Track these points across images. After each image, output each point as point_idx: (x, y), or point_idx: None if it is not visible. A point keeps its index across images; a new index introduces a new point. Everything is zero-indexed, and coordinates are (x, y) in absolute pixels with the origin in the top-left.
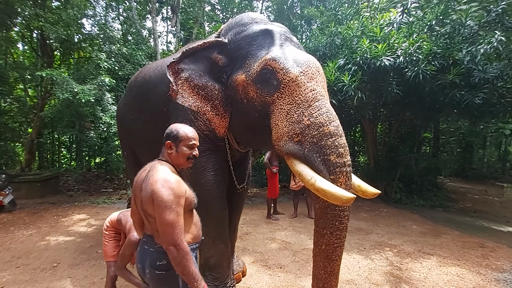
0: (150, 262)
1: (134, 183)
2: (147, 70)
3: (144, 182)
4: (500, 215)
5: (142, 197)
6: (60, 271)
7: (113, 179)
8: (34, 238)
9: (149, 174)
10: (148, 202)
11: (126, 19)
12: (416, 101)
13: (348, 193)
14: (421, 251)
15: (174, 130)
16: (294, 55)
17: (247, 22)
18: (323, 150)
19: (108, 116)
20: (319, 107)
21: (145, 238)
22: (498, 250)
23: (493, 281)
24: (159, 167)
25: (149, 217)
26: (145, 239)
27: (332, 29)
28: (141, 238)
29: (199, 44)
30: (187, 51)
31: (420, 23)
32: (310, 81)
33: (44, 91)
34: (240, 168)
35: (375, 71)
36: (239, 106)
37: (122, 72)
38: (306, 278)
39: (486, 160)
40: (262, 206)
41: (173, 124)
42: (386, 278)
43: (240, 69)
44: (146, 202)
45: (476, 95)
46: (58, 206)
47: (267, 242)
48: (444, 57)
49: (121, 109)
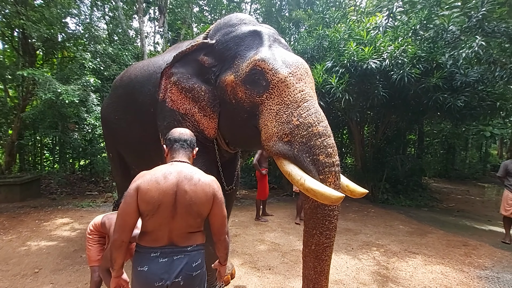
0: (184, 268)
1: (153, 186)
2: (133, 70)
3: (188, 186)
4: (482, 214)
5: (195, 199)
6: (41, 277)
7: (98, 181)
8: (14, 243)
9: (193, 176)
10: (207, 203)
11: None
12: (401, 103)
13: (337, 192)
14: (407, 250)
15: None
16: (283, 56)
17: (235, 23)
18: (312, 150)
19: (93, 117)
20: (308, 107)
21: (158, 251)
22: (480, 248)
23: (476, 278)
24: (197, 169)
25: (197, 219)
26: (160, 252)
27: (320, 32)
28: (152, 254)
29: (187, 48)
30: (178, 55)
31: (405, 27)
32: (299, 82)
33: (25, 92)
34: (229, 170)
35: (362, 73)
36: (227, 106)
37: (107, 72)
38: (295, 279)
39: (468, 162)
40: (251, 208)
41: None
42: (374, 278)
43: (229, 70)
44: (203, 203)
45: (458, 98)
46: (40, 210)
47: (256, 243)
48: (428, 61)
49: (105, 109)
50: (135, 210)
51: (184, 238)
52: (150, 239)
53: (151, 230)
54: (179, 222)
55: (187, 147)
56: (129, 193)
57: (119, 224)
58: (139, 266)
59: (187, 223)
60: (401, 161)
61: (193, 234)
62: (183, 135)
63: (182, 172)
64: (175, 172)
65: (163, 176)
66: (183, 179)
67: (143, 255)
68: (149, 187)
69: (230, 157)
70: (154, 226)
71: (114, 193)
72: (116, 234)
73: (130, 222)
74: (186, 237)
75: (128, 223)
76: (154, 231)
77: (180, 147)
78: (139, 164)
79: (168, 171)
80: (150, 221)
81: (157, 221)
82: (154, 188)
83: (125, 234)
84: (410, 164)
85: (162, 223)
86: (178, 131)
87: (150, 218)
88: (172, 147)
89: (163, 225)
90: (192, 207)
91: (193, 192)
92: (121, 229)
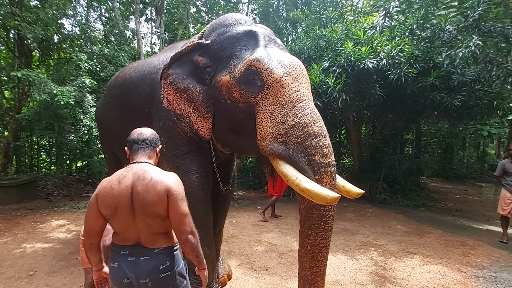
0: (151, 270)
1: (108, 192)
2: (128, 70)
3: (140, 186)
4: (480, 214)
5: (149, 199)
6: (36, 280)
7: (95, 183)
8: (9, 245)
9: (146, 176)
10: (159, 201)
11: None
12: (398, 103)
13: (333, 192)
14: (405, 250)
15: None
16: (279, 56)
17: (230, 23)
18: (307, 151)
19: (89, 118)
20: (304, 107)
21: (127, 250)
22: (478, 248)
23: (473, 278)
24: (152, 167)
25: (155, 219)
26: (129, 251)
27: (317, 31)
28: (121, 252)
29: (183, 48)
30: (174, 56)
31: (402, 27)
32: (294, 82)
33: (21, 93)
34: (225, 170)
35: (358, 73)
36: (222, 107)
37: (104, 73)
38: (292, 280)
39: (466, 161)
40: (248, 209)
41: (152, 129)
42: (371, 278)
43: (224, 70)
44: (156, 203)
45: (455, 97)
46: (36, 212)
47: (253, 244)
48: (425, 60)
49: (100, 110)
50: (97, 216)
51: (150, 239)
52: (120, 238)
53: (118, 231)
54: (140, 224)
55: (146, 147)
56: (90, 201)
57: (86, 229)
58: (111, 263)
59: (147, 224)
60: (399, 160)
61: (158, 236)
62: (141, 135)
63: (136, 173)
64: (130, 174)
65: (117, 181)
66: (136, 180)
67: (114, 252)
68: (105, 193)
69: (226, 158)
70: (120, 228)
71: None
72: (84, 237)
73: (95, 227)
74: (152, 238)
75: (93, 228)
76: (121, 232)
77: (139, 147)
78: None
79: (122, 175)
80: (114, 224)
81: (120, 223)
82: (109, 193)
83: (92, 238)
84: (407, 164)
85: (126, 224)
86: (137, 132)
87: (113, 221)
88: (132, 149)
89: (129, 227)
90: (147, 208)
91: (145, 192)
92: (88, 234)
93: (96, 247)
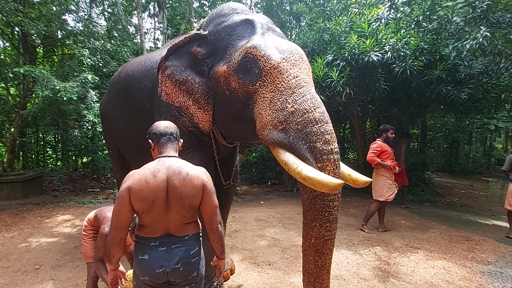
0: (183, 255)
1: (144, 185)
2: (130, 65)
3: (177, 180)
4: (486, 209)
5: (187, 192)
6: (42, 273)
7: (100, 178)
8: (16, 240)
9: (182, 170)
10: (197, 194)
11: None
12: (403, 97)
13: (335, 179)
14: (409, 245)
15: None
16: (276, 43)
17: (227, 13)
18: (308, 137)
19: (92, 114)
20: (303, 93)
21: (157, 241)
22: (483, 243)
23: (478, 273)
24: (185, 162)
25: (189, 210)
26: (158, 242)
27: (320, 24)
28: (151, 244)
29: (181, 40)
30: (172, 48)
31: (408, 19)
32: (293, 68)
33: (25, 89)
34: (227, 165)
35: (363, 66)
36: (221, 98)
37: (106, 69)
38: (295, 274)
39: (472, 156)
40: (251, 204)
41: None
42: (374, 273)
43: (221, 60)
44: (194, 195)
45: (462, 91)
46: (42, 207)
47: (256, 239)
48: (431, 53)
49: (103, 106)
50: (129, 210)
51: (180, 228)
52: (148, 231)
53: (148, 224)
54: (174, 215)
55: (174, 140)
56: (121, 194)
57: (115, 223)
58: (140, 255)
59: (181, 215)
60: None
61: (188, 225)
62: (168, 128)
63: (171, 168)
64: (163, 169)
65: (152, 174)
66: (172, 174)
67: (143, 245)
68: (140, 187)
69: (228, 152)
70: (151, 221)
71: (116, 190)
72: (113, 232)
73: (125, 221)
74: (182, 227)
75: (123, 222)
76: (151, 224)
77: (167, 140)
78: (138, 161)
79: (156, 168)
80: (146, 217)
81: (153, 216)
82: (145, 187)
83: (121, 232)
84: (412, 159)
85: (158, 217)
86: (163, 124)
87: (146, 214)
88: (159, 142)
89: (160, 219)
90: (184, 201)
91: (182, 186)
92: (117, 228)
93: (124, 242)
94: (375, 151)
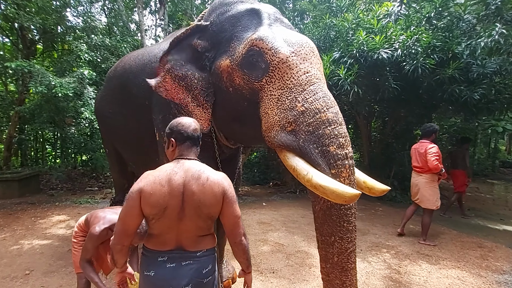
0: (193, 275)
1: (157, 189)
2: (127, 60)
3: (195, 186)
4: (494, 213)
5: (205, 200)
6: (32, 280)
7: (99, 177)
8: (7, 242)
9: (201, 175)
10: (217, 203)
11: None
12: (413, 97)
13: (351, 189)
14: (419, 252)
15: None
16: (285, 35)
17: (231, 2)
18: (321, 140)
19: (89, 111)
20: (315, 91)
21: (165, 256)
22: (496, 250)
23: (494, 283)
24: (206, 166)
25: (207, 221)
26: (167, 257)
27: (326, 21)
28: (159, 258)
29: (182, 32)
30: (173, 41)
31: (418, 15)
32: (303, 62)
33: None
34: (230, 166)
35: (372, 64)
36: (224, 95)
37: (105, 65)
38: (300, 283)
39: (477, 158)
40: (253, 205)
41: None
42: (385, 283)
43: (224, 54)
44: (213, 204)
45: (475, 91)
46: (37, 207)
47: (259, 244)
48: (443, 51)
49: (99, 102)
50: (138, 214)
51: (193, 242)
52: (157, 242)
53: (158, 233)
54: (188, 224)
55: (198, 144)
56: (131, 196)
57: (121, 228)
58: (146, 271)
59: (196, 226)
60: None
61: (203, 238)
62: (196, 132)
63: (189, 171)
64: (181, 171)
65: (168, 177)
66: (190, 178)
67: (150, 259)
68: (153, 190)
69: (231, 153)
70: (161, 229)
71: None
72: (116, 238)
73: (132, 226)
74: (196, 241)
75: (130, 227)
76: (161, 234)
77: (193, 145)
78: (135, 160)
79: (173, 170)
80: (156, 225)
81: (164, 224)
82: (158, 191)
83: (125, 239)
84: None
85: (169, 226)
86: (191, 126)
87: (156, 221)
88: (183, 144)
89: (171, 228)
90: (202, 209)
91: (201, 193)
92: (122, 234)
93: (127, 249)
94: (438, 157)
